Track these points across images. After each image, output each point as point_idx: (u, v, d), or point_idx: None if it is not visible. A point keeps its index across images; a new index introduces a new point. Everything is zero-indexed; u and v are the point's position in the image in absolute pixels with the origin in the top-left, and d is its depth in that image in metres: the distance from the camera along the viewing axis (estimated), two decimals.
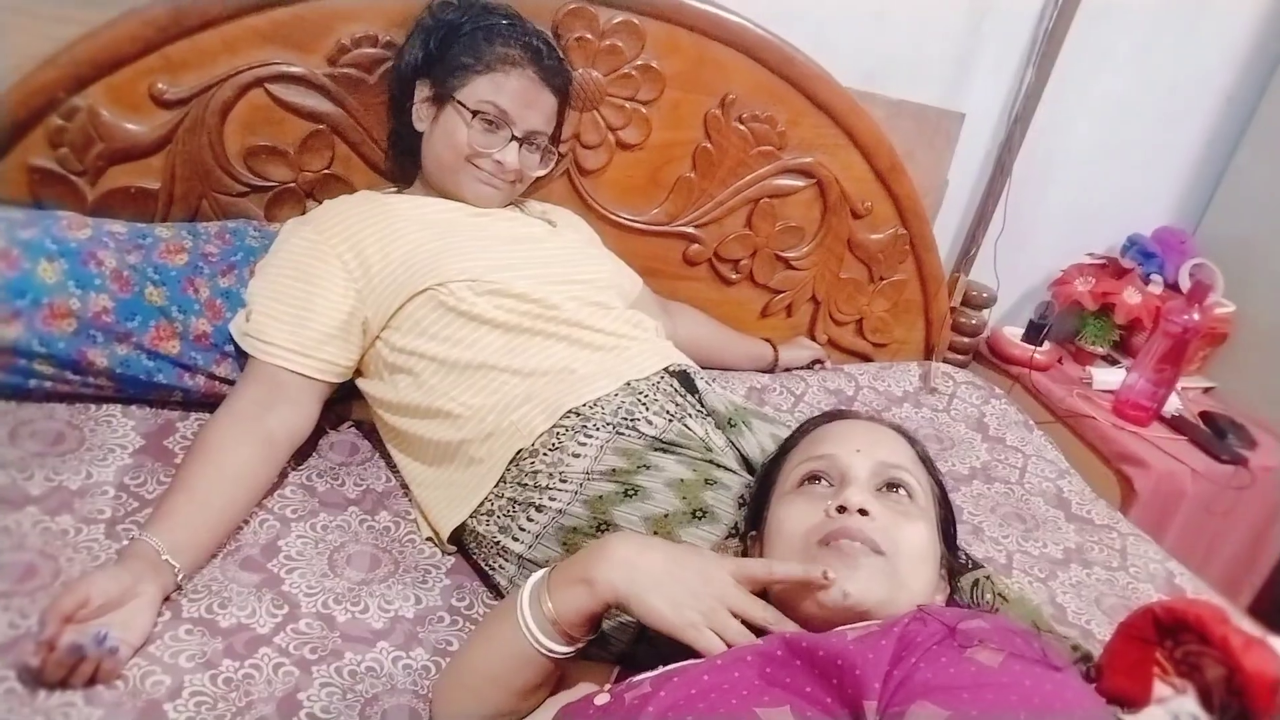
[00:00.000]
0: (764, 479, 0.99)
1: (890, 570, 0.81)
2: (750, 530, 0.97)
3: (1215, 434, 1.96)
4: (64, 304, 1.14)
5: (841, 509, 0.84)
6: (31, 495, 1.05)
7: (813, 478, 0.90)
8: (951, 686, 0.65)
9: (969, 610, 0.91)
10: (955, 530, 0.97)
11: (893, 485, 0.88)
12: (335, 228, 1.23)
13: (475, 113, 1.25)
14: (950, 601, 0.94)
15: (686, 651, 0.80)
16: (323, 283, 1.19)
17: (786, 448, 0.99)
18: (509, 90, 1.26)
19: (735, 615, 0.80)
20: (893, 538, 0.83)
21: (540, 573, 0.86)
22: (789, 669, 0.72)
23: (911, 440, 0.97)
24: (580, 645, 0.85)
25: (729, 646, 0.79)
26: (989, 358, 2.16)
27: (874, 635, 0.73)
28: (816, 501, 0.87)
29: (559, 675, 0.88)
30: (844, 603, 0.79)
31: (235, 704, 0.89)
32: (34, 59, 1.23)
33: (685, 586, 0.81)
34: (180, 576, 0.98)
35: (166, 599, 0.97)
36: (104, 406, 1.21)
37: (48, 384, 1.16)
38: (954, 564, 0.95)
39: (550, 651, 0.82)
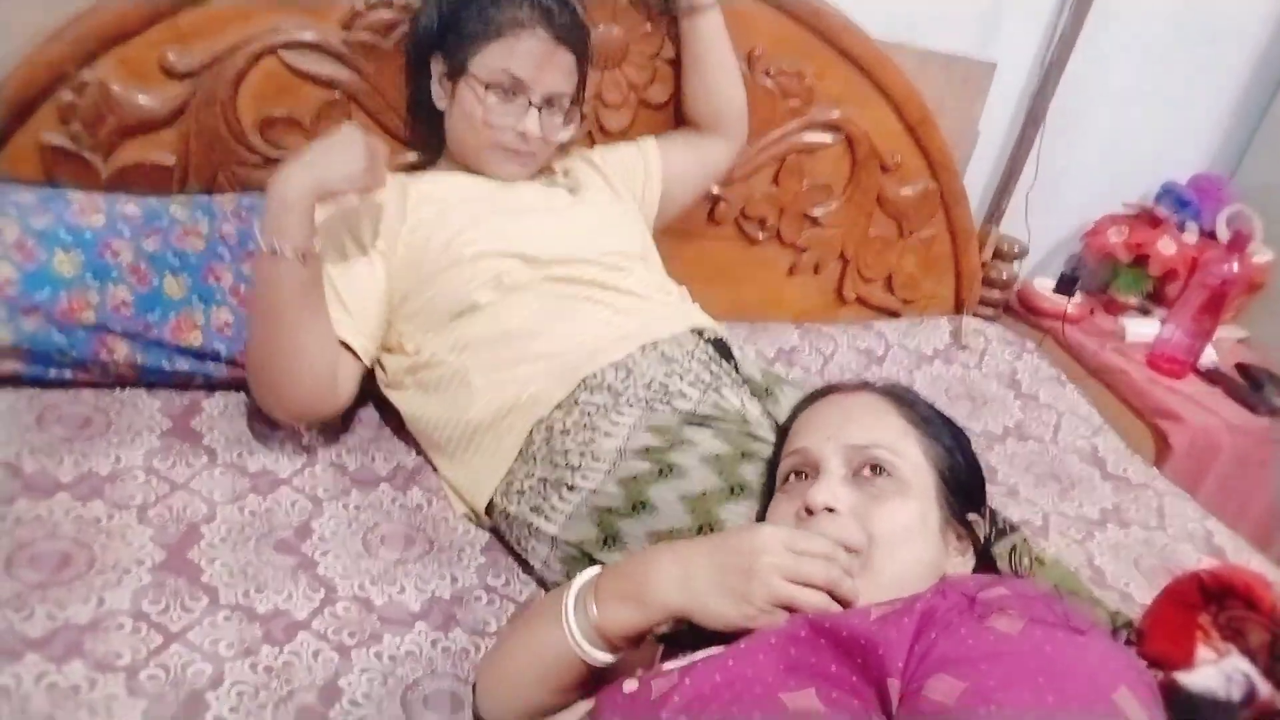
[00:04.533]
0: (772, 469, 0.99)
1: (862, 563, 0.80)
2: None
3: (1252, 386, 1.92)
4: (83, 297, 1.12)
5: (809, 510, 0.83)
6: (62, 481, 1.05)
7: (793, 474, 0.89)
8: (969, 657, 0.64)
9: (991, 577, 0.89)
10: (977, 484, 0.93)
11: (869, 466, 0.85)
12: (357, 208, 1.21)
13: (488, 85, 1.21)
14: (984, 565, 0.92)
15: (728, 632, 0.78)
16: (354, 261, 1.17)
17: (781, 437, 0.97)
18: (521, 54, 1.21)
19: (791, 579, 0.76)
20: (864, 528, 0.81)
21: (587, 576, 0.84)
22: (814, 649, 0.71)
23: (905, 402, 0.92)
24: (624, 654, 0.83)
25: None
26: (1019, 310, 2.12)
27: (897, 612, 0.71)
28: (794, 501, 0.86)
29: (601, 674, 0.87)
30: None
31: (277, 693, 0.89)
32: (40, 33, 1.19)
33: (738, 577, 0.76)
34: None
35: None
36: (128, 389, 1.20)
37: (68, 374, 1.15)
38: (972, 523, 0.90)
39: (595, 660, 0.81)
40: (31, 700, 0.82)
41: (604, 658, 0.81)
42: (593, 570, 0.85)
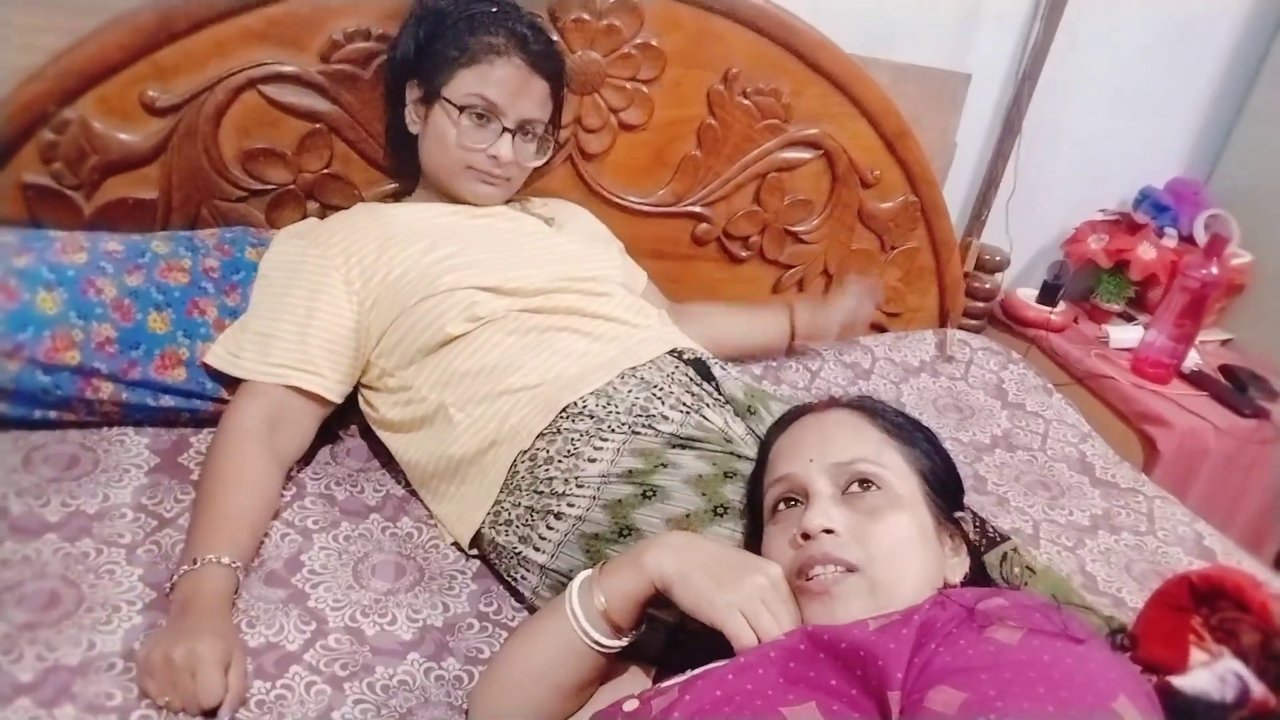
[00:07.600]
0: (751, 497, 0.98)
1: (868, 583, 0.79)
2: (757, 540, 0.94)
3: (1236, 388, 1.94)
4: (66, 336, 1.12)
5: (806, 535, 0.82)
6: (49, 522, 1.04)
7: (782, 502, 0.88)
8: (969, 668, 0.64)
9: (990, 589, 0.89)
10: (955, 481, 0.93)
11: (857, 481, 0.85)
12: (332, 241, 1.22)
13: (462, 108, 1.22)
14: (976, 574, 0.92)
15: (717, 655, 0.80)
16: (323, 297, 1.18)
17: (759, 467, 0.97)
18: (495, 80, 1.22)
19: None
20: (864, 547, 0.81)
21: (589, 571, 0.88)
22: (813, 663, 0.72)
23: (875, 413, 0.93)
24: (625, 641, 0.85)
25: (759, 639, 0.79)
26: (1003, 320, 2.13)
27: (896, 624, 0.72)
28: (788, 529, 0.85)
29: (599, 680, 0.87)
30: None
31: None
32: (19, 72, 1.20)
33: (730, 573, 0.83)
34: (240, 573, 1.00)
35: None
36: (115, 427, 1.19)
37: (53, 414, 1.15)
38: (962, 525, 0.90)
39: (597, 643, 0.84)
40: None
41: (607, 640, 0.84)
42: (596, 566, 0.88)
